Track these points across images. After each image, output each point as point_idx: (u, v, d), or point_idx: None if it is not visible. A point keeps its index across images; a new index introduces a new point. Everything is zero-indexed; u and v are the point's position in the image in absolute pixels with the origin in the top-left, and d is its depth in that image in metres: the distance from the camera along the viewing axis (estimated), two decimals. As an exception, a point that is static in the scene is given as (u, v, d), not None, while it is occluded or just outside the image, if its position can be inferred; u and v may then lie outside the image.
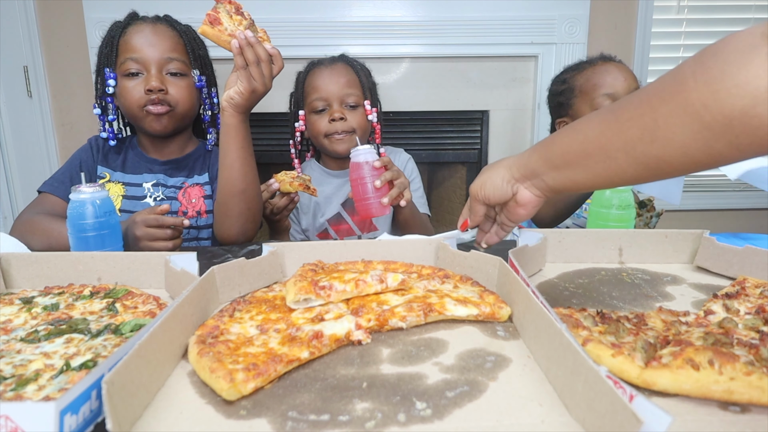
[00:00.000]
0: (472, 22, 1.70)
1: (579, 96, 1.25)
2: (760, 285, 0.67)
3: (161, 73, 1.06)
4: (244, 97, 0.92)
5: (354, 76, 1.27)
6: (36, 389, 0.45)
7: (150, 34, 1.07)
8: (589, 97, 1.23)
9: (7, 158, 1.76)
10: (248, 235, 1.02)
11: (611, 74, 1.22)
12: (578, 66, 1.29)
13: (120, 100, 1.09)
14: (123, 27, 1.08)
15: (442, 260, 0.77)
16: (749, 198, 1.96)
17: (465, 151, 1.90)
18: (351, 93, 1.25)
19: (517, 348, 0.53)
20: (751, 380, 0.42)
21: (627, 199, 0.86)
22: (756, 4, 1.87)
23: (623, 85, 1.20)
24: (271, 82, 0.93)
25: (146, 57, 1.05)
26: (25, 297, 0.67)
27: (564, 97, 1.29)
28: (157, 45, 1.06)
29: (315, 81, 1.26)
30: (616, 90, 1.20)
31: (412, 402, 0.44)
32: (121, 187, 1.12)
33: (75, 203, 0.78)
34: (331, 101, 1.24)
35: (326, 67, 1.27)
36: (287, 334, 0.54)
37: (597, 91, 1.21)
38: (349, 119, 1.24)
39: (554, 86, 1.35)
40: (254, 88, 0.91)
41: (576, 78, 1.27)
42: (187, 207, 1.13)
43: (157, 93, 1.05)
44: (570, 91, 1.27)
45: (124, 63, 1.05)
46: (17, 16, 1.66)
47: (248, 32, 0.89)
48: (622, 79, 1.21)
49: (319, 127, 1.25)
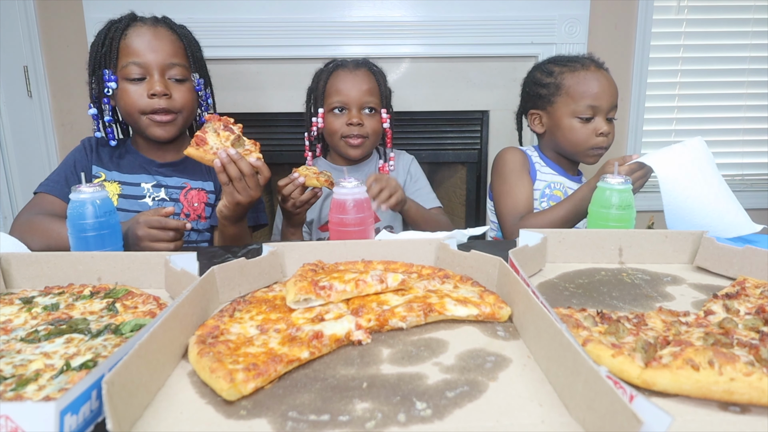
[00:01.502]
0: (472, 22, 1.70)
1: (563, 96, 1.23)
2: (760, 285, 0.67)
3: (164, 78, 1.07)
4: (230, 210, 0.98)
5: (375, 84, 1.32)
6: (36, 389, 0.45)
7: (152, 37, 1.07)
8: (573, 101, 1.21)
9: (7, 158, 1.76)
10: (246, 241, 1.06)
11: (601, 85, 1.21)
12: (569, 64, 1.25)
13: (120, 103, 1.08)
14: (123, 28, 1.07)
15: (442, 260, 0.77)
16: (749, 198, 1.95)
17: (465, 151, 1.90)
18: (370, 100, 1.29)
19: (517, 348, 0.53)
20: (751, 380, 0.42)
21: (627, 199, 0.85)
22: (756, 4, 1.87)
23: (608, 100, 1.21)
24: (258, 191, 0.97)
25: (149, 61, 1.05)
26: (25, 297, 0.67)
27: (547, 90, 1.26)
28: (159, 50, 1.06)
29: (338, 83, 1.29)
30: (600, 103, 1.20)
31: (412, 402, 0.44)
32: (117, 186, 1.12)
33: (75, 203, 0.78)
34: (350, 105, 1.28)
35: (350, 72, 1.31)
36: (287, 334, 0.54)
37: (584, 99, 1.20)
38: (366, 125, 1.28)
39: (538, 74, 1.30)
40: (238, 200, 0.95)
41: (566, 77, 1.23)
42: (189, 209, 1.13)
43: (162, 97, 1.05)
44: (556, 87, 1.25)
45: (126, 66, 1.05)
46: (17, 16, 1.66)
47: (231, 150, 0.93)
48: (608, 94, 1.21)
49: (336, 127, 1.29)
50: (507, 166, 1.28)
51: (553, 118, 1.26)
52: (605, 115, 1.21)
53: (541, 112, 1.29)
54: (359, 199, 0.85)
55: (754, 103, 1.96)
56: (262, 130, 1.75)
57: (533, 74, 1.33)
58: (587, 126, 1.21)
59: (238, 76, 1.72)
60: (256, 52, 1.68)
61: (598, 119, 1.21)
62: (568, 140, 1.24)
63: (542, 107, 1.28)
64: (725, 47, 1.91)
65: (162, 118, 1.07)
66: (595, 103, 1.20)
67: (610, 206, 0.85)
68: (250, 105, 1.73)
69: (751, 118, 1.98)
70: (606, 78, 1.23)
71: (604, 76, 1.23)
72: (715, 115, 1.98)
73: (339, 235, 0.85)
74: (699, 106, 1.97)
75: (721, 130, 1.99)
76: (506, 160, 1.30)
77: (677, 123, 1.98)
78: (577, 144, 1.23)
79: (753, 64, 1.93)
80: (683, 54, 1.91)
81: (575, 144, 1.23)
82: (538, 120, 1.30)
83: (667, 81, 1.93)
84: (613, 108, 1.23)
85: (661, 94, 1.93)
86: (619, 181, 0.85)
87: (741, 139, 2.00)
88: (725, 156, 2.02)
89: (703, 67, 1.93)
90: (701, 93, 1.95)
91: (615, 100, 1.22)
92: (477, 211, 1.97)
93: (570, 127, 1.23)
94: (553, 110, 1.25)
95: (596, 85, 1.21)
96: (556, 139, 1.26)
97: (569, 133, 1.23)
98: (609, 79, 1.23)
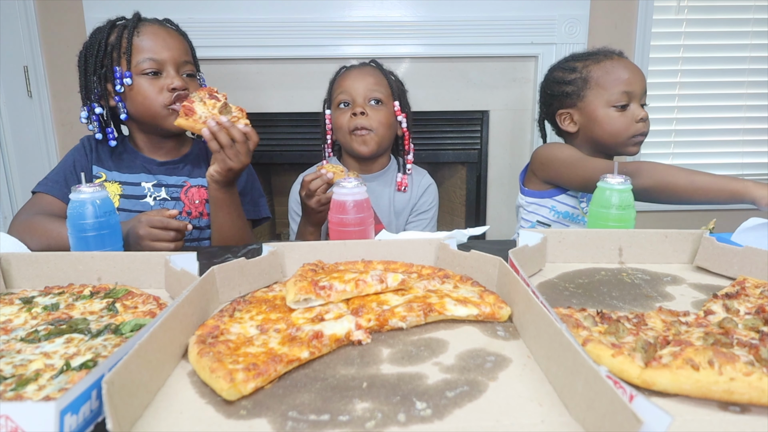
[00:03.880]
0: (472, 22, 1.70)
1: (594, 88, 1.19)
2: (760, 285, 0.67)
3: (179, 74, 1.09)
4: (222, 176, 1.00)
5: (382, 77, 1.30)
6: (36, 389, 0.45)
7: (165, 35, 1.10)
8: (606, 91, 1.17)
9: (7, 158, 1.77)
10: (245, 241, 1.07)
11: (631, 71, 1.17)
12: (592, 56, 1.23)
13: (137, 99, 1.08)
14: (134, 26, 1.08)
15: (442, 260, 0.77)
16: (749, 198, 1.96)
17: (465, 151, 1.90)
18: (375, 90, 1.26)
19: (517, 348, 0.53)
20: (751, 380, 0.42)
21: (627, 199, 0.85)
22: (756, 4, 1.87)
23: (640, 85, 1.17)
24: (248, 157, 1.01)
25: (165, 58, 1.08)
26: (25, 297, 0.67)
27: (574, 86, 1.22)
28: (173, 47, 1.09)
29: (343, 80, 1.29)
30: (633, 89, 1.16)
31: (412, 402, 0.44)
32: (117, 187, 1.12)
33: (75, 203, 0.78)
34: (355, 98, 1.25)
35: (355, 69, 1.31)
36: (287, 334, 0.54)
37: (617, 86, 1.16)
38: (371, 116, 1.24)
39: (559, 74, 1.26)
40: (230, 167, 0.99)
41: (591, 69, 1.20)
42: (190, 207, 1.14)
43: (182, 92, 1.07)
44: (583, 81, 1.20)
45: (142, 63, 1.06)
46: (17, 16, 1.66)
47: (222, 117, 0.97)
48: (639, 79, 1.17)
49: (342, 122, 1.27)
50: (565, 152, 1.22)
51: (587, 113, 1.21)
52: (639, 100, 1.18)
53: (571, 110, 1.24)
54: (359, 199, 0.85)
55: (753, 103, 1.96)
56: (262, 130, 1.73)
57: (553, 75, 1.29)
58: (625, 114, 1.17)
59: (238, 76, 1.72)
60: (256, 52, 1.69)
61: (634, 105, 1.17)
62: (607, 132, 1.19)
63: (572, 105, 1.24)
64: (725, 47, 1.91)
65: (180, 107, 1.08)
66: (629, 89, 1.16)
67: (610, 206, 0.85)
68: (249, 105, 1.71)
69: (751, 118, 1.98)
70: (632, 64, 1.20)
71: (630, 62, 1.20)
72: (715, 115, 1.98)
73: (339, 235, 0.85)
74: (699, 106, 1.97)
75: (721, 130, 1.99)
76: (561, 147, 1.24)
77: (677, 123, 1.98)
78: (617, 134, 1.18)
79: (753, 64, 1.93)
80: (683, 54, 1.91)
81: (616, 134, 1.19)
82: (569, 119, 1.25)
83: (667, 81, 1.93)
84: (644, 93, 1.20)
85: (661, 94, 1.93)
86: (619, 181, 0.85)
87: (741, 139, 2.00)
88: (725, 156, 2.02)
89: (703, 67, 1.93)
90: (701, 93, 1.95)
91: (645, 85, 1.19)
92: (477, 211, 1.97)
93: (607, 117, 1.18)
94: (585, 105, 1.21)
95: (626, 71, 1.17)
96: (593, 133, 1.22)
97: (607, 123, 1.18)
98: (635, 65, 1.20)
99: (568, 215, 1.25)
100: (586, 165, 1.15)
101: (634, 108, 1.18)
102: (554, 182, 1.26)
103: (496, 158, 1.88)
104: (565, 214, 1.25)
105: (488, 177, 1.90)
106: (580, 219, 1.25)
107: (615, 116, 1.18)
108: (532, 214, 1.30)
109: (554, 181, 1.26)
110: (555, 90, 1.27)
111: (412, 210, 1.36)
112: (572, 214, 1.25)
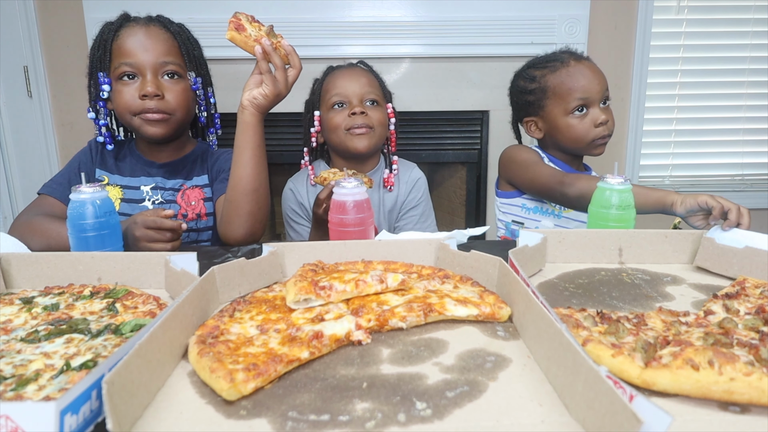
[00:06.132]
0: (472, 22, 1.70)
1: (552, 98, 1.23)
2: (760, 285, 0.67)
3: (157, 78, 1.05)
4: (268, 100, 0.98)
5: (373, 78, 1.29)
6: (36, 389, 0.45)
7: (144, 37, 1.05)
8: (563, 100, 1.21)
9: (7, 158, 1.77)
10: (255, 237, 1.01)
11: (586, 77, 1.20)
12: (549, 64, 1.25)
13: (115, 105, 1.07)
14: (115, 30, 1.06)
15: (442, 260, 0.77)
16: (749, 198, 1.96)
17: (465, 151, 1.90)
18: (371, 91, 1.26)
19: (517, 348, 0.53)
20: (751, 380, 0.42)
21: (627, 199, 0.85)
22: (756, 4, 1.87)
23: (597, 89, 1.20)
24: (288, 87, 0.99)
25: (141, 61, 1.04)
26: (25, 297, 0.67)
27: (534, 96, 1.26)
28: (151, 49, 1.05)
29: (334, 81, 1.27)
30: (590, 94, 1.19)
31: (412, 402, 0.44)
32: (119, 191, 1.12)
33: (75, 203, 0.78)
34: (350, 98, 1.24)
35: (345, 70, 1.29)
36: (287, 334, 0.54)
37: (572, 95, 1.20)
38: (371, 115, 1.24)
39: (521, 82, 1.30)
40: (279, 91, 0.97)
41: (548, 78, 1.23)
42: (187, 209, 1.12)
43: (153, 98, 1.04)
44: (542, 91, 1.24)
45: (118, 68, 1.04)
46: (17, 16, 1.66)
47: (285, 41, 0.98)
48: (596, 83, 1.20)
49: (338, 121, 1.24)
50: (522, 155, 1.27)
51: (548, 121, 1.25)
52: (598, 103, 1.21)
53: (535, 118, 1.29)
54: (359, 200, 0.85)
55: (753, 104, 1.96)
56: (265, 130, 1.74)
57: (516, 83, 1.33)
58: (584, 120, 1.21)
59: (238, 76, 1.70)
60: (256, 52, 1.68)
61: (593, 110, 1.20)
62: (568, 138, 1.23)
63: (535, 113, 1.28)
64: (725, 47, 1.91)
65: (154, 116, 1.05)
66: (585, 95, 1.19)
67: (610, 206, 0.85)
68: (250, 105, 1.73)
69: (751, 118, 1.98)
70: (588, 67, 1.22)
71: (587, 66, 1.22)
72: (715, 115, 1.98)
73: (339, 235, 0.85)
74: (699, 106, 1.97)
75: (721, 130, 1.99)
76: (521, 150, 1.29)
77: (677, 123, 1.98)
78: (578, 140, 1.22)
79: (753, 64, 1.93)
80: (683, 54, 1.91)
81: (576, 140, 1.23)
82: (534, 126, 1.30)
83: (667, 81, 1.93)
84: (605, 94, 1.22)
85: (661, 94, 1.93)
86: (619, 181, 0.85)
87: (741, 139, 2.00)
88: (725, 156, 2.02)
89: (703, 67, 1.93)
90: (701, 93, 1.95)
91: (604, 87, 1.21)
92: (477, 211, 1.97)
93: (567, 125, 1.22)
94: (546, 114, 1.25)
95: (580, 77, 1.20)
96: (557, 140, 1.26)
97: (567, 131, 1.23)
98: (592, 67, 1.22)
99: (539, 210, 1.28)
100: (535, 170, 1.21)
101: (593, 112, 1.21)
102: (513, 184, 1.31)
103: (496, 158, 1.87)
104: (536, 209, 1.29)
105: (488, 177, 1.90)
106: (550, 212, 1.27)
107: (574, 123, 1.22)
108: (506, 215, 1.34)
109: (512, 183, 1.31)
110: (519, 99, 1.32)
111: (401, 207, 1.35)
112: (542, 208, 1.28)
